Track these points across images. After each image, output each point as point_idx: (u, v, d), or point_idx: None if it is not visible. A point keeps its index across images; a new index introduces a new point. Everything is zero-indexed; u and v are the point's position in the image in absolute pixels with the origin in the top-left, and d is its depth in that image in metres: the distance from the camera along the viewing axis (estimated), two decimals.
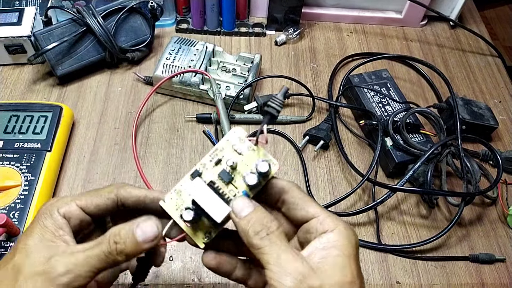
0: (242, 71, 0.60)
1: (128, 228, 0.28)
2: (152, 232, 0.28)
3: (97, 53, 0.60)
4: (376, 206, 0.50)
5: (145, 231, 0.28)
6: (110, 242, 0.28)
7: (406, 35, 0.74)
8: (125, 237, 0.28)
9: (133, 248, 0.28)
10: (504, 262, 0.50)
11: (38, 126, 0.52)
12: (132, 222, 0.29)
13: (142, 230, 0.28)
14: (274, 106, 0.30)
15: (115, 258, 0.28)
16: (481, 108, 0.58)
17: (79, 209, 0.31)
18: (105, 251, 0.28)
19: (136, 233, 0.28)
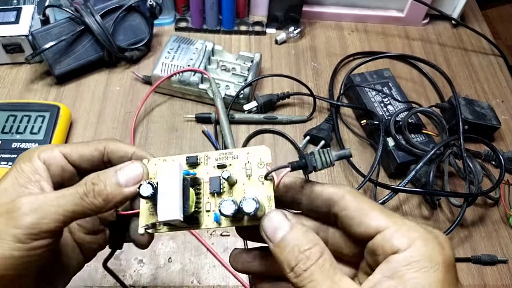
0: (242, 70, 0.59)
1: (109, 170, 0.26)
2: (136, 173, 0.26)
3: (95, 52, 0.60)
4: None
5: (127, 172, 0.26)
6: (87, 184, 0.25)
7: (408, 34, 0.73)
8: (104, 178, 0.25)
9: (113, 190, 0.25)
10: (507, 264, 0.49)
11: (36, 126, 0.52)
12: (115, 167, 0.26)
13: (124, 172, 0.26)
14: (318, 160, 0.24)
15: (91, 201, 0.25)
16: (483, 108, 0.58)
17: (61, 155, 0.27)
18: (80, 192, 0.25)
19: (117, 174, 0.25)
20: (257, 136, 0.58)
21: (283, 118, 0.58)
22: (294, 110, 0.61)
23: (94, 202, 0.25)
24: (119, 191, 0.25)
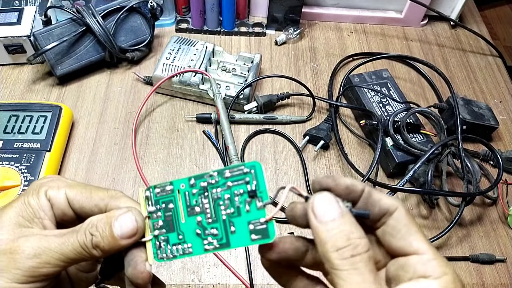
0: (242, 71, 0.60)
1: (106, 220, 0.26)
2: (131, 227, 0.26)
3: (97, 53, 0.60)
4: None
5: (123, 225, 0.25)
6: (86, 233, 0.25)
7: (407, 35, 0.73)
8: (101, 229, 0.25)
9: (110, 244, 0.25)
10: (505, 263, 0.49)
11: (38, 126, 0.52)
12: (111, 213, 0.26)
13: (120, 224, 0.25)
14: None
15: (90, 251, 0.25)
16: (481, 108, 0.58)
17: (65, 199, 0.27)
18: (81, 241, 0.25)
19: (113, 227, 0.25)
20: (257, 136, 0.58)
21: (282, 118, 0.59)
22: (294, 110, 0.61)
23: (92, 252, 0.25)
24: (115, 243, 0.25)
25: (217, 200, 0.25)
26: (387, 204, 0.24)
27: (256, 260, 0.47)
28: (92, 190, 0.28)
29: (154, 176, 0.53)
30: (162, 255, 0.27)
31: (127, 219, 0.26)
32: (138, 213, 0.26)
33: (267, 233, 0.24)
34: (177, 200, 0.26)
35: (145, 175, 0.52)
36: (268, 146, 0.57)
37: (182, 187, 0.26)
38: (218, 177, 0.25)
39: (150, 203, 0.27)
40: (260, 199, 0.24)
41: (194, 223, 0.26)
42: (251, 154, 0.56)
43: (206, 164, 0.55)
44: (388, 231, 0.24)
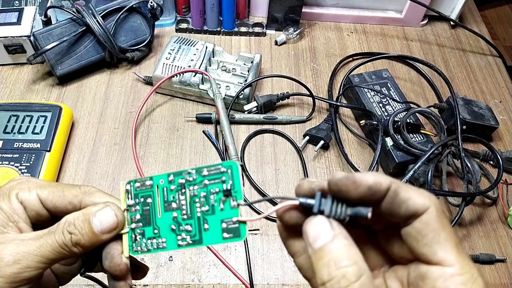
0: (242, 71, 0.60)
1: (83, 217, 0.26)
2: (111, 221, 0.26)
3: (97, 53, 0.60)
4: None
5: (102, 221, 0.26)
6: (64, 232, 0.25)
7: (407, 35, 0.73)
8: (80, 227, 0.25)
9: (91, 240, 0.26)
10: (505, 263, 0.49)
11: (38, 126, 0.52)
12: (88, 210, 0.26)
13: (99, 220, 0.26)
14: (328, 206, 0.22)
15: (70, 249, 0.25)
16: (481, 108, 0.58)
17: (38, 200, 0.27)
18: (59, 241, 0.25)
19: (93, 223, 0.25)
20: (257, 136, 0.58)
21: (282, 118, 0.59)
22: (294, 110, 0.61)
23: (72, 250, 0.25)
24: (96, 239, 0.26)
25: (193, 197, 0.26)
26: (417, 204, 0.21)
27: (256, 260, 0.47)
28: (64, 188, 0.28)
29: None
30: (137, 248, 0.27)
31: (106, 214, 0.26)
32: (116, 207, 0.27)
33: (238, 233, 0.24)
34: (156, 195, 0.27)
35: (145, 175, 0.52)
36: (268, 146, 0.57)
37: (161, 182, 0.27)
38: (196, 175, 0.26)
39: (129, 196, 0.28)
40: (234, 198, 0.24)
41: (170, 219, 0.26)
42: (251, 154, 0.56)
43: (206, 164, 0.54)
44: (412, 233, 0.21)
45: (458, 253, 0.20)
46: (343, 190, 0.22)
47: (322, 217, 0.22)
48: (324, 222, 0.22)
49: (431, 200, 0.21)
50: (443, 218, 0.21)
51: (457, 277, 0.20)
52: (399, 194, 0.21)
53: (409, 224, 0.22)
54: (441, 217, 0.21)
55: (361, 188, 0.21)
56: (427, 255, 0.21)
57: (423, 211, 0.21)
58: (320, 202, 0.23)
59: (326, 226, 0.22)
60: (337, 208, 0.22)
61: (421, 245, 0.21)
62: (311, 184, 0.23)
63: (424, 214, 0.21)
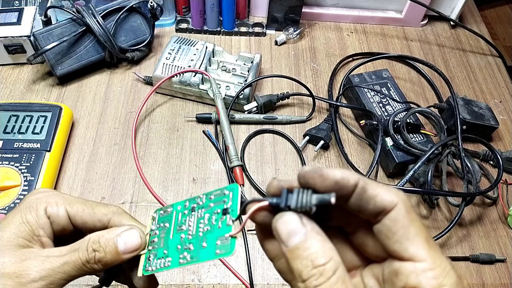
0: (242, 71, 0.60)
1: (108, 236, 0.27)
2: (135, 243, 0.27)
3: (97, 53, 0.60)
4: None
5: (127, 241, 0.27)
6: (88, 250, 0.26)
7: (407, 35, 0.73)
8: (105, 245, 0.27)
9: (113, 258, 0.27)
10: (505, 262, 0.49)
11: (38, 126, 0.52)
12: (113, 230, 0.27)
13: (124, 240, 0.27)
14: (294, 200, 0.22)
15: (92, 266, 0.27)
16: (481, 108, 0.58)
17: (66, 216, 0.28)
18: (83, 259, 0.26)
19: (117, 243, 0.27)
20: (257, 136, 0.58)
21: (282, 118, 0.59)
22: (294, 110, 0.61)
23: (94, 267, 0.27)
24: (118, 258, 0.27)
25: (199, 218, 0.27)
26: (384, 201, 0.21)
27: (256, 260, 0.47)
28: (93, 205, 0.29)
29: (154, 176, 0.53)
30: (148, 267, 0.28)
31: (131, 236, 0.27)
32: (141, 230, 0.28)
33: (228, 248, 0.24)
34: (172, 220, 0.28)
35: (145, 175, 0.52)
36: (268, 146, 0.57)
37: (179, 208, 0.28)
38: (205, 199, 0.27)
39: (154, 222, 0.30)
40: (230, 216, 0.25)
41: (178, 239, 0.27)
42: (251, 154, 0.56)
43: (206, 164, 0.55)
44: (383, 231, 0.21)
45: (429, 247, 0.21)
46: (310, 183, 0.22)
47: (292, 213, 0.22)
48: (294, 218, 0.22)
49: (399, 196, 0.21)
50: (412, 214, 0.21)
51: (428, 271, 0.20)
52: (367, 191, 0.21)
53: (379, 221, 0.22)
54: (409, 212, 0.21)
55: (327, 182, 0.21)
56: (398, 251, 0.21)
57: (391, 207, 0.21)
58: (287, 198, 0.22)
59: (297, 222, 0.21)
60: (302, 199, 0.22)
61: (392, 242, 0.21)
62: (280, 182, 0.24)
63: (392, 211, 0.21)
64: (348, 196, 0.22)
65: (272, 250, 0.25)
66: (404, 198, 0.22)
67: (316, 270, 0.20)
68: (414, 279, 0.20)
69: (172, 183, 0.53)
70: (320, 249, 0.21)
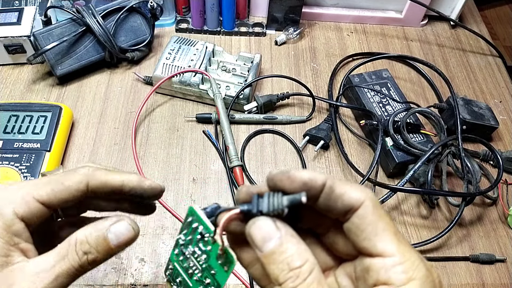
0: (242, 71, 0.60)
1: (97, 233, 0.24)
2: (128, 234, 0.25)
3: (97, 53, 0.60)
4: None
5: (119, 235, 0.25)
6: (78, 254, 0.24)
7: (407, 35, 0.73)
8: (95, 244, 0.24)
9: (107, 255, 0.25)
10: (505, 263, 0.49)
11: (38, 126, 0.52)
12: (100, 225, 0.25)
13: (115, 234, 0.25)
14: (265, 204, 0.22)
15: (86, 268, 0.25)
16: (481, 108, 0.58)
17: (40, 207, 0.25)
18: (75, 265, 0.24)
19: (108, 238, 0.24)
20: (257, 136, 0.58)
21: (282, 118, 0.59)
22: (294, 110, 0.61)
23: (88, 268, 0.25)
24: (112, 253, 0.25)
25: (194, 255, 0.26)
26: (352, 199, 0.21)
27: None
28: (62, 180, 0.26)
29: (154, 176, 0.53)
30: None
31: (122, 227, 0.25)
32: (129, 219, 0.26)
33: (229, 259, 0.24)
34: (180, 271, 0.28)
35: (145, 175, 0.52)
36: (268, 146, 0.57)
37: (175, 258, 0.28)
38: (184, 237, 0.26)
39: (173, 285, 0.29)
40: (208, 235, 0.25)
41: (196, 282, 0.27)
42: (251, 154, 0.56)
43: (206, 164, 0.55)
44: (352, 229, 0.22)
45: (397, 242, 0.21)
46: (278, 185, 0.22)
47: (265, 217, 0.22)
48: (268, 223, 0.22)
49: (366, 193, 0.22)
50: (379, 210, 0.22)
51: (398, 266, 0.20)
52: (335, 190, 0.22)
53: (348, 219, 0.22)
54: (377, 209, 0.21)
55: (296, 183, 0.21)
56: (367, 248, 0.21)
57: (359, 205, 0.21)
58: (258, 203, 0.22)
59: (271, 226, 0.22)
60: (274, 202, 0.22)
61: (361, 240, 0.21)
62: (249, 188, 0.23)
63: (360, 209, 0.21)
64: (317, 196, 0.22)
65: (246, 258, 0.25)
66: (371, 195, 0.22)
67: (293, 272, 0.20)
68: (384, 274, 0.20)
69: (172, 183, 0.53)
70: (295, 251, 0.21)
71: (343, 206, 0.22)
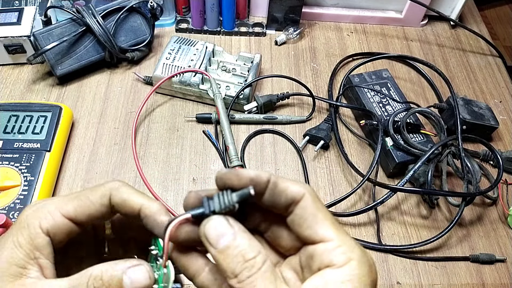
0: (242, 71, 0.60)
1: (113, 273, 0.24)
2: (143, 282, 0.24)
3: (97, 53, 0.60)
4: (377, 206, 0.50)
5: (135, 280, 0.24)
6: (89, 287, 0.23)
7: (407, 35, 0.73)
8: (108, 283, 0.23)
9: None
10: (505, 263, 0.49)
11: (38, 126, 0.52)
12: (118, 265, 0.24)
13: (131, 279, 0.24)
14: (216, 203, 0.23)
15: None
16: (481, 108, 0.58)
17: (66, 222, 0.25)
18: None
19: (123, 281, 0.24)
20: (257, 136, 0.58)
21: (282, 118, 0.59)
22: (294, 110, 0.61)
23: None
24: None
25: None
26: (293, 192, 0.23)
27: None
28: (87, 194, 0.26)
29: (154, 176, 0.53)
30: None
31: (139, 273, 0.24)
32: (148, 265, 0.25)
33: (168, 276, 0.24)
34: None
35: (145, 175, 0.52)
36: (268, 146, 0.57)
37: None
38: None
39: None
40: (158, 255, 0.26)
41: None
42: (251, 154, 0.56)
43: (206, 164, 0.55)
44: (295, 220, 0.24)
45: (335, 229, 0.23)
46: (227, 183, 0.23)
47: (218, 216, 0.23)
48: (222, 221, 0.23)
49: (305, 187, 0.24)
50: (318, 202, 0.24)
51: (338, 248, 0.22)
52: (278, 185, 0.24)
53: (291, 212, 0.24)
54: (316, 201, 0.24)
55: (243, 180, 0.23)
56: (310, 235, 0.23)
57: (300, 197, 0.24)
58: (209, 204, 0.23)
59: (225, 224, 0.23)
60: (224, 200, 0.23)
61: (304, 229, 0.23)
62: (198, 192, 0.24)
63: (301, 201, 0.24)
64: (262, 192, 0.24)
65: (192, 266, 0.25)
66: (310, 189, 0.24)
67: (248, 263, 0.22)
68: (327, 257, 0.22)
69: (172, 183, 0.53)
70: (248, 245, 0.22)
71: (286, 199, 0.24)
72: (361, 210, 0.50)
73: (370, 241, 0.49)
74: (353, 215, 0.50)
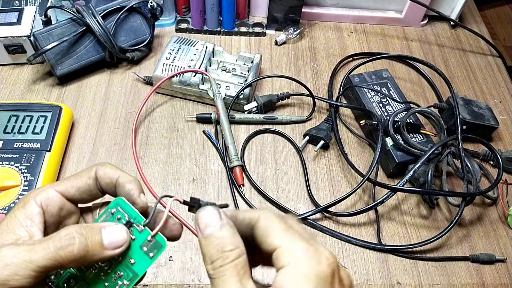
0: (242, 71, 0.60)
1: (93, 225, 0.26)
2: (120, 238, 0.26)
3: (97, 53, 0.60)
4: (377, 206, 0.50)
5: (112, 234, 0.26)
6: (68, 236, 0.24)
7: (407, 35, 0.73)
8: (88, 234, 0.25)
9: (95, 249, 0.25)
10: (505, 263, 0.49)
11: (38, 126, 0.52)
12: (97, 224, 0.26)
13: (109, 233, 0.26)
14: None
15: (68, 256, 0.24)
16: (481, 108, 0.58)
17: (58, 195, 0.27)
18: (57, 245, 0.24)
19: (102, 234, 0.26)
20: (257, 136, 0.58)
21: (282, 118, 0.59)
22: (294, 110, 0.61)
23: (70, 256, 0.24)
24: (100, 252, 0.25)
25: None
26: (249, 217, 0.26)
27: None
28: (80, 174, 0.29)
29: (154, 176, 0.53)
30: None
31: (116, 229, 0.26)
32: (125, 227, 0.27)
33: (160, 244, 0.27)
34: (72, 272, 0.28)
35: (145, 175, 0.52)
36: (268, 146, 0.57)
37: None
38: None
39: None
40: (137, 224, 0.27)
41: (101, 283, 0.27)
42: (251, 154, 0.56)
43: (206, 164, 0.55)
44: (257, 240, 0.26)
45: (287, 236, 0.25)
46: None
47: (212, 207, 0.26)
48: (214, 212, 0.26)
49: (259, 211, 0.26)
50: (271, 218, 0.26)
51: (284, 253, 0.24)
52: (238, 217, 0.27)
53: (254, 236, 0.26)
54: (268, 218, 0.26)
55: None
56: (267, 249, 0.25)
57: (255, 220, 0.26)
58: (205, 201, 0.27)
59: (216, 216, 0.26)
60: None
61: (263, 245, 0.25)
62: None
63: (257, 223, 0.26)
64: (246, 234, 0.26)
65: None
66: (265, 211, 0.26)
67: (224, 254, 0.24)
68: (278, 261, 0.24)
69: (172, 183, 0.53)
70: (229, 239, 0.25)
71: (246, 224, 0.26)
72: (361, 210, 0.50)
73: (370, 241, 0.49)
74: (353, 215, 0.50)
